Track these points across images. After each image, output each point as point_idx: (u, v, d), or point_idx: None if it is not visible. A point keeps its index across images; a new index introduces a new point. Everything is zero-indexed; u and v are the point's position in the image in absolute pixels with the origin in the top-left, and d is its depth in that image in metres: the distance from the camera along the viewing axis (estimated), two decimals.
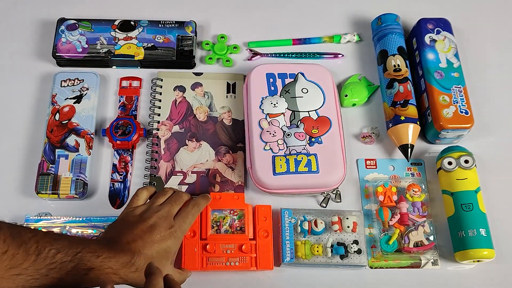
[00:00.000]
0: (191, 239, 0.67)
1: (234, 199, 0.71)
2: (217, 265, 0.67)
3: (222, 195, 0.70)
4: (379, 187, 0.73)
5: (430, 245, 0.70)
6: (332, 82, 0.79)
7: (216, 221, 0.69)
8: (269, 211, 0.70)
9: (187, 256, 0.66)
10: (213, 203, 0.69)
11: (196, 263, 0.66)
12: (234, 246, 0.67)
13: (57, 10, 0.86)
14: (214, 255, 0.67)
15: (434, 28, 0.82)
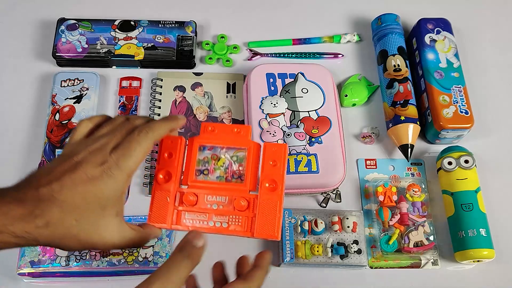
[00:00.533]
0: (163, 184, 0.49)
1: (234, 134, 0.51)
2: (197, 224, 0.49)
3: (217, 127, 0.51)
4: (379, 187, 0.73)
5: (430, 245, 0.70)
6: (332, 82, 0.79)
7: (206, 162, 0.51)
8: (283, 154, 0.50)
9: (155, 208, 0.49)
10: (204, 136, 0.51)
11: (167, 218, 0.49)
12: (225, 199, 0.49)
13: (57, 10, 0.86)
14: (193, 209, 0.49)
15: (434, 28, 0.82)
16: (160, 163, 0.50)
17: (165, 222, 0.49)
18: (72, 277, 0.67)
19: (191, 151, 0.51)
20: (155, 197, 0.49)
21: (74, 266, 0.67)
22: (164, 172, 0.49)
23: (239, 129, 0.51)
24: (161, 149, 0.50)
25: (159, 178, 0.49)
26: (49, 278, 0.67)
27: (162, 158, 0.50)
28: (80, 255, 0.67)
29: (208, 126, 0.51)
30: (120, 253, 0.68)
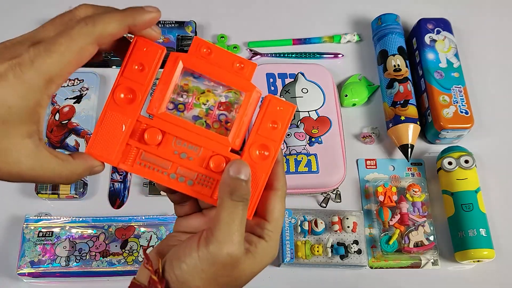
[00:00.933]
0: (122, 105, 0.37)
1: (233, 68, 0.39)
2: (152, 172, 0.38)
3: (214, 50, 0.39)
4: (379, 187, 0.73)
5: (430, 245, 0.70)
6: (332, 82, 0.79)
7: (186, 91, 0.39)
8: (288, 117, 0.40)
9: (102, 136, 0.37)
10: (193, 58, 0.38)
11: (115, 152, 0.37)
12: (198, 151, 0.38)
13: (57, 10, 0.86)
14: (154, 151, 0.38)
15: (434, 28, 0.82)
16: (123, 75, 0.37)
17: (111, 157, 0.37)
18: (72, 277, 0.67)
19: (170, 71, 0.38)
20: (105, 121, 0.37)
21: (74, 266, 0.67)
22: (126, 89, 0.37)
23: (243, 64, 0.39)
24: (130, 56, 0.37)
25: (118, 96, 0.37)
26: (49, 278, 0.67)
27: (128, 70, 0.37)
28: (80, 255, 0.67)
29: (202, 45, 0.38)
30: (120, 253, 0.68)
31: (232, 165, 0.36)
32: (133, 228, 0.69)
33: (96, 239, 0.68)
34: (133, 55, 0.37)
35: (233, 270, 0.36)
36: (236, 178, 0.36)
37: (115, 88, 0.37)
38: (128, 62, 0.37)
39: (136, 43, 0.37)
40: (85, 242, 0.68)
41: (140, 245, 0.68)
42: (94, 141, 0.37)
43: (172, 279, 0.36)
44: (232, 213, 0.35)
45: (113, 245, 0.68)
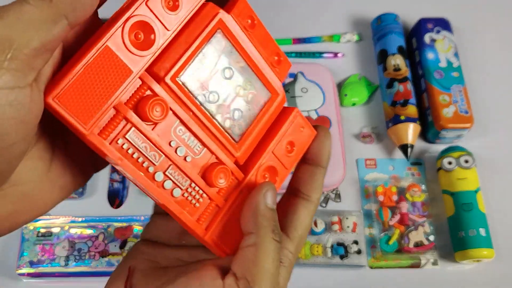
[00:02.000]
0: (129, 46, 0.25)
1: (270, 58, 0.31)
2: (134, 161, 0.27)
3: (257, 25, 0.31)
4: (379, 187, 0.73)
5: (430, 245, 0.70)
6: (331, 82, 0.79)
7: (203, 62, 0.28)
8: (307, 142, 0.33)
9: (83, 80, 0.24)
10: (235, 27, 0.30)
11: (92, 116, 0.25)
12: (200, 150, 0.29)
13: None
14: (147, 133, 0.27)
15: (433, 28, 0.82)
16: (147, 3, 0.26)
17: (85, 117, 0.24)
18: (71, 277, 0.67)
19: (201, 27, 0.28)
20: (96, 60, 0.24)
21: (73, 266, 0.67)
22: (143, 25, 0.26)
23: (282, 57, 0.31)
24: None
25: (129, 30, 0.25)
26: (48, 278, 0.67)
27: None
28: (79, 255, 0.67)
29: (247, 12, 0.31)
30: (119, 253, 0.68)
31: (269, 193, 0.29)
32: (132, 228, 0.69)
33: (95, 239, 0.68)
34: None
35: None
36: (274, 211, 0.29)
37: (128, 17, 0.25)
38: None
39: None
40: (84, 242, 0.68)
41: None
42: (70, 85, 0.24)
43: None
44: (276, 259, 0.28)
45: (112, 245, 0.68)
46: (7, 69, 0.20)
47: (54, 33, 0.22)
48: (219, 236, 0.29)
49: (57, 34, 0.22)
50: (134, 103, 0.26)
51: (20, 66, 0.21)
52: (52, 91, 0.23)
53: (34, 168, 0.26)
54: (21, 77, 0.21)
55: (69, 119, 0.24)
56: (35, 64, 0.22)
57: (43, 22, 0.21)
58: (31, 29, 0.21)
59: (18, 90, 0.21)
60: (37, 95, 0.22)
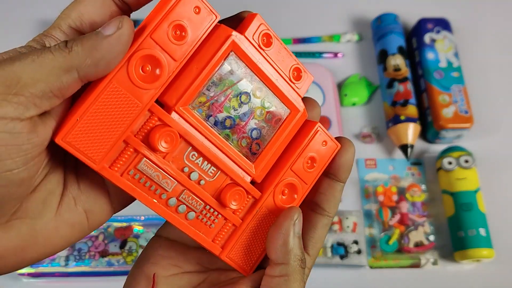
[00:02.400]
0: (136, 81, 0.25)
1: (288, 73, 0.31)
2: (147, 190, 0.28)
3: (274, 42, 0.31)
4: (379, 187, 0.73)
5: (430, 245, 0.70)
6: (332, 82, 0.79)
7: (216, 84, 0.28)
8: (329, 156, 0.32)
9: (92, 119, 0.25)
10: (248, 48, 0.29)
11: (101, 151, 0.25)
12: (214, 173, 0.29)
13: (56, 10, 0.86)
14: (158, 162, 0.27)
15: (433, 28, 0.82)
16: (152, 36, 0.25)
17: (94, 154, 0.25)
18: (71, 277, 0.67)
19: (213, 51, 0.27)
20: (103, 98, 0.24)
21: (73, 266, 0.67)
22: (150, 58, 0.25)
23: (301, 73, 0.31)
24: (170, 10, 0.25)
25: (136, 66, 0.25)
26: (48, 278, 0.67)
27: (161, 31, 0.25)
28: (79, 255, 0.67)
29: (263, 29, 0.30)
30: (119, 253, 0.68)
31: (297, 220, 0.29)
32: (132, 228, 0.69)
33: (95, 239, 0.68)
34: (173, 11, 0.25)
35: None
36: (300, 238, 0.29)
37: (134, 52, 0.25)
38: (163, 20, 0.25)
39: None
40: (84, 242, 0.68)
41: (139, 245, 0.68)
42: (76, 126, 0.24)
43: None
44: (302, 284, 0.29)
45: (112, 245, 0.68)
46: (9, 101, 0.22)
47: (63, 81, 0.23)
48: (237, 254, 0.30)
49: (66, 83, 0.23)
50: (144, 134, 0.26)
51: (23, 102, 0.22)
52: (60, 131, 0.24)
53: (43, 202, 0.26)
54: (22, 110, 0.22)
55: (79, 157, 0.25)
56: (39, 103, 0.23)
57: (55, 69, 0.23)
58: (41, 73, 0.23)
59: (17, 121, 0.22)
60: (41, 128, 0.24)
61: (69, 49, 0.23)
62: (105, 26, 0.24)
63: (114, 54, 0.24)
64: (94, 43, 0.24)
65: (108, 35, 0.24)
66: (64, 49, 0.23)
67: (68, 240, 0.28)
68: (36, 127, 0.23)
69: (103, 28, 0.24)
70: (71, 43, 0.24)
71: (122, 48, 0.24)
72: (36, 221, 0.26)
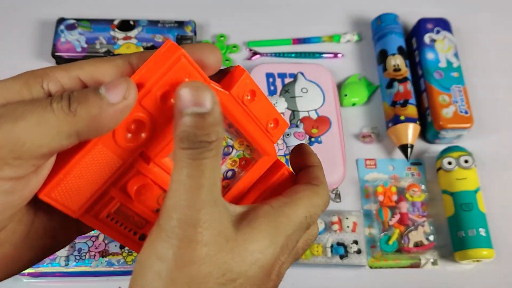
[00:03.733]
0: (122, 143, 0.26)
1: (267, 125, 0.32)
2: (120, 229, 0.30)
3: (258, 97, 0.31)
4: (379, 187, 0.73)
5: (430, 245, 0.70)
6: (331, 82, 0.79)
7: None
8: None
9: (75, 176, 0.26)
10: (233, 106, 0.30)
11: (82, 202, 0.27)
12: None
13: (56, 10, 0.86)
14: (133, 207, 0.29)
15: (433, 28, 0.82)
16: (141, 103, 0.26)
17: (74, 206, 0.27)
18: (71, 277, 0.67)
19: None
20: (88, 158, 0.26)
21: (73, 266, 0.67)
22: (136, 123, 0.26)
23: (277, 124, 0.33)
24: (163, 78, 0.26)
25: (122, 131, 0.26)
26: (48, 278, 0.67)
27: (150, 98, 0.26)
28: (79, 255, 0.67)
29: (248, 87, 0.30)
30: (119, 253, 0.68)
31: (183, 91, 0.24)
32: None
33: (95, 238, 0.68)
34: (167, 78, 0.25)
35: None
36: (200, 115, 0.24)
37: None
38: (154, 86, 0.25)
39: (179, 62, 0.25)
40: (85, 242, 0.68)
41: None
42: (60, 183, 0.26)
43: None
44: (192, 176, 0.24)
45: (113, 245, 0.68)
46: (11, 165, 0.23)
47: (63, 144, 0.24)
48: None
49: (66, 145, 0.24)
50: (123, 184, 0.28)
51: (23, 165, 0.23)
52: (44, 188, 0.25)
53: (13, 231, 0.27)
54: (21, 172, 0.23)
55: (61, 209, 0.27)
56: (37, 163, 0.24)
57: (58, 133, 0.23)
58: (45, 137, 0.23)
59: (14, 181, 0.23)
60: (33, 182, 0.25)
61: (73, 113, 0.23)
62: (110, 89, 0.24)
63: (116, 122, 0.24)
64: (99, 110, 0.24)
65: (114, 104, 0.24)
66: (68, 112, 0.23)
67: (32, 262, 0.29)
68: (29, 182, 0.24)
69: (108, 91, 0.24)
70: (75, 106, 0.23)
71: (124, 116, 0.25)
72: (5, 248, 0.27)
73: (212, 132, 0.24)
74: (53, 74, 0.27)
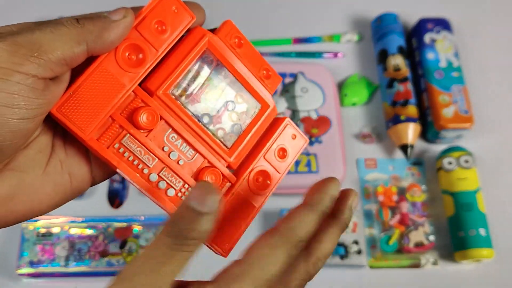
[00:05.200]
0: (123, 65, 0.30)
1: (258, 73, 0.34)
2: (130, 163, 0.30)
3: (244, 44, 0.34)
4: (379, 187, 0.73)
5: (430, 245, 0.70)
6: (332, 82, 0.79)
7: (195, 79, 0.32)
8: (299, 148, 0.36)
9: (82, 95, 0.29)
10: (221, 46, 0.33)
11: (91, 124, 0.29)
12: (192, 155, 0.32)
13: (56, 10, 0.86)
14: (140, 139, 0.30)
15: (433, 28, 0.82)
16: (137, 28, 0.30)
17: (85, 126, 0.28)
18: (71, 277, 0.67)
19: (190, 47, 0.32)
20: (93, 77, 0.29)
21: (73, 266, 0.67)
22: (134, 47, 0.30)
23: (270, 72, 0.35)
24: (153, 9, 0.31)
25: (122, 52, 0.30)
26: (48, 278, 0.67)
27: (146, 25, 0.30)
28: (79, 255, 0.67)
29: (234, 33, 0.33)
30: (119, 253, 0.68)
31: (194, 193, 0.26)
32: (132, 228, 0.69)
33: (95, 239, 0.68)
34: (156, 9, 0.31)
35: None
36: (189, 219, 0.26)
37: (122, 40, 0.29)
38: (147, 15, 0.30)
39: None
40: (84, 242, 0.68)
41: (139, 245, 0.68)
42: (70, 99, 0.28)
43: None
44: (162, 256, 0.26)
45: (112, 245, 0.68)
46: (31, 61, 0.26)
47: (74, 51, 0.27)
48: (216, 235, 0.31)
49: (76, 54, 0.27)
50: (128, 113, 0.30)
51: (42, 64, 0.26)
52: (56, 105, 0.28)
53: (33, 159, 0.29)
54: (41, 71, 0.26)
55: (71, 127, 0.28)
56: (54, 68, 0.27)
57: (69, 40, 0.27)
58: (58, 42, 0.27)
59: (36, 78, 0.26)
60: (53, 88, 0.27)
61: (82, 25, 0.28)
62: (111, 13, 0.29)
63: (118, 36, 0.29)
64: (104, 24, 0.28)
65: (116, 20, 0.29)
66: (76, 24, 0.28)
67: (52, 200, 0.30)
68: (49, 87, 0.27)
69: (110, 14, 0.29)
70: (82, 21, 0.28)
71: (125, 32, 0.29)
72: (25, 175, 0.29)
73: (197, 231, 0.26)
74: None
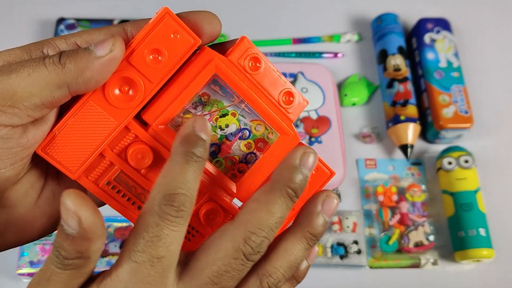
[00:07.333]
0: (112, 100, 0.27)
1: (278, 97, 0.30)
2: (120, 198, 0.29)
3: (263, 66, 0.29)
4: (379, 187, 0.73)
5: (430, 245, 0.70)
6: (332, 82, 0.79)
7: (202, 104, 0.29)
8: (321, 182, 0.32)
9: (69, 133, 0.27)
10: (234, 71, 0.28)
11: (79, 162, 0.27)
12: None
13: (56, 10, 0.86)
14: (134, 176, 0.29)
15: (433, 28, 0.82)
16: (129, 59, 0.27)
17: (71, 164, 0.27)
18: None
19: (195, 73, 0.28)
20: (81, 114, 0.26)
21: None
22: (125, 80, 0.27)
23: (292, 97, 0.30)
24: (147, 35, 0.27)
25: (111, 88, 0.27)
26: None
27: (138, 55, 0.26)
28: None
29: (250, 53, 0.28)
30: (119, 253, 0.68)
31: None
32: None
33: None
34: (151, 35, 0.27)
35: None
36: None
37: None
38: (140, 44, 0.26)
39: (164, 20, 0.27)
40: None
41: None
42: (55, 139, 0.27)
43: None
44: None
45: (112, 245, 0.68)
46: (4, 112, 0.24)
47: (54, 96, 0.25)
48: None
49: (57, 97, 0.25)
50: (120, 150, 0.28)
51: (17, 113, 0.24)
52: (41, 144, 0.27)
53: (24, 194, 0.28)
54: (16, 120, 0.25)
55: (58, 167, 0.27)
56: (32, 114, 0.25)
57: (48, 84, 0.25)
58: (35, 88, 0.25)
59: (10, 128, 0.25)
60: (32, 133, 0.26)
61: (62, 65, 0.25)
62: (97, 45, 0.25)
63: (104, 75, 0.26)
64: (86, 62, 0.25)
65: (100, 56, 0.25)
66: (57, 64, 0.25)
67: (43, 227, 0.29)
68: (27, 133, 0.26)
69: (96, 46, 0.25)
70: (64, 59, 0.25)
71: (112, 69, 0.26)
72: (16, 210, 0.28)
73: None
74: (53, 41, 0.28)
